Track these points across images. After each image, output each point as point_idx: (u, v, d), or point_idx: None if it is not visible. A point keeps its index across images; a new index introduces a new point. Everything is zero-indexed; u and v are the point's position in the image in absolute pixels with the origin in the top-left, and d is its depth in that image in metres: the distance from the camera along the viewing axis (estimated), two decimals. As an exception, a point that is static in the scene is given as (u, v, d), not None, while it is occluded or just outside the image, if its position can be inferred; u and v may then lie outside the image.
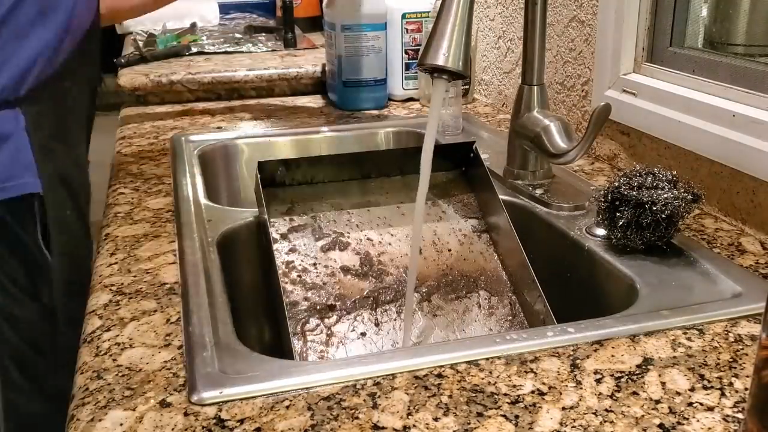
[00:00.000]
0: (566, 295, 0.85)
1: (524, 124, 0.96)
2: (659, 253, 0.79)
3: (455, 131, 1.25)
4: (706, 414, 0.54)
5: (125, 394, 0.58)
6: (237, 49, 1.81)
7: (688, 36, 1.00)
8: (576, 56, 1.14)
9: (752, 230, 0.85)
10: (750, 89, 0.86)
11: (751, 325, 0.66)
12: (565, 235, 0.87)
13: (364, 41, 1.38)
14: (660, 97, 0.97)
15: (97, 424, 0.55)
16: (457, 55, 0.76)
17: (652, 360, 0.61)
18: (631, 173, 0.80)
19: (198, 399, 0.57)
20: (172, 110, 1.42)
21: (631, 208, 0.77)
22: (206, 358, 0.62)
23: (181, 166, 1.08)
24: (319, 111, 1.44)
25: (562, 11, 1.16)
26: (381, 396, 0.57)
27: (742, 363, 0.61)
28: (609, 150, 1.09)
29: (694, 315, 0.67)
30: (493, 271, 0.86)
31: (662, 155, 0.98)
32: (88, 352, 0.64)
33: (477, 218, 0.90)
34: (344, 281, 0.83)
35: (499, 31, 1.39)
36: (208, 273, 0.76)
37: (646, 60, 1.03)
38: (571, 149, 0.87)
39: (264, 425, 0.54)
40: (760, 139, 0.81)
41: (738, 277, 0.74)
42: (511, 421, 0.54)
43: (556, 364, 0.61)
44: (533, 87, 0.96)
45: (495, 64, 1.42)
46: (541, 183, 0.98)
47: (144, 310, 0.71)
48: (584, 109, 1.14)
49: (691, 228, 0.86)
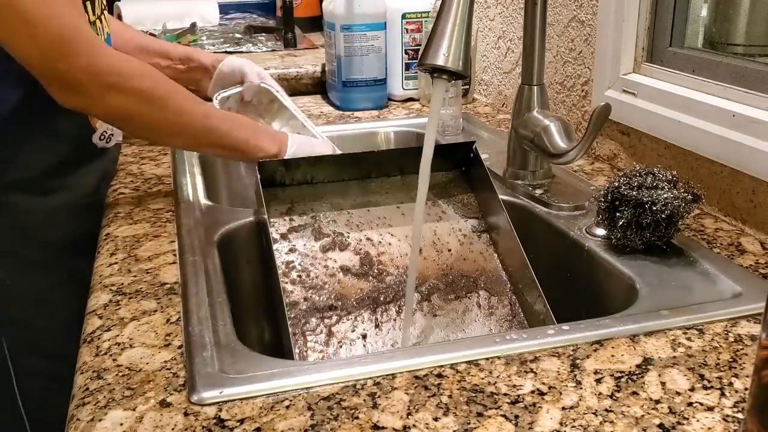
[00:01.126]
0: (566, 295, 0.85)
1: (524, 124, 0.96)
2: (659, 253, 0.79)
3: (455, 131, 1.25)
4: (706, 414, 0.54)
5: (125, 394, 0.58)
6: (237, 49, 1.81)
7: (688, 36, 1.00)
8: (576, 56, 1.14)
9: (752, 230, 0.85)
10: (750, 89, 0.86)
11: (751, 325, 0.66)
12: (565, 235, 0.87)
13: (363, 41, 1.38)
14: (660, 97, 0.97)
15: (97, 424, 0.55)
16: (457, 55, 0.76)
17: (652, 360, 0.61)
18: (631, 173, 0.80)
19: (198, 399, 0.57)
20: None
21: (631, 208, 0.77)
22: (206, 358, 0.62)
23: (181, 166, 1.08)
24: (319, 111, 1.44)
25: (562, 11, 1.16)
26: (381, 396, 0.57)
27: (742, 363, 0.61)
28: (609, 150, 1.09)
29: (694, 315, 0.67)
30: (493, 271, 0.86)
31: (662, 155, 0.98)
32: (88, 352, 0.64)
33: (477, 218, 0.90)
34: (344, 281, 0.83)
35: (499, 31, 1.39)
36: (208, 273, 0.76)
37: (646, 60, 1.03)
38: (571, 149, 0.87)
39: (264, 425, 0.54)
40: (760, 139, 0.81)
41: (738, 277, 0.74)
42: (511, 421, 0.54)
43: (556, 364, 0.61)
44: (533, 87, 0.96)
45: (495, 64, 1.42)
46: (541, 183, 0.98)
47: (144, 310, 0.71)
48: (584, 109, 1.14)
49: (691, 228, 0.86)
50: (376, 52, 1.40)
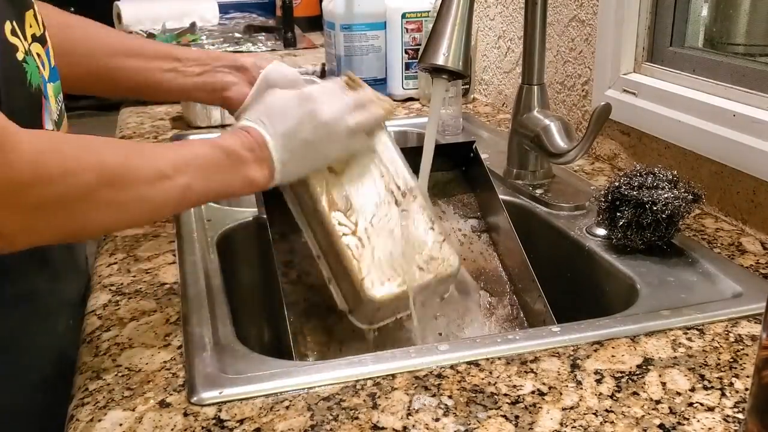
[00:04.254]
0: (566, 295, 0.85)
1: (524, 123, 0.96)
2: (659, 253, 0.78)
3: (455, 131, 1.25)
4: (706, 414, 0.54)
5: (125, 395, 0.58)
6: (237, 49, 1.81)
7: (689, 36, 1.00)
8: (576, 56, 1.14)
9: (752, 230, 0.85)
10: (750, 89, 0.86)
11: (751, 325, 0.66)
12: (565, 235, 0.86)
13: (363, 41, 1.38)
14: (660, 97, 0.97)
15: (97, 424, 0.54)
16: (457, 54, 0.76)
17: (652, 360, 0.61)
18: (631, 173, 0.80)
19: (197, 399, 0.56)
20: (171, 110, 1.42)
21: (631, 208, 0.77)
22: (206, 358, 0.61)
23: (180, 166, 1.07)
24: (319, 111, 1.44)
25: (563, 11, 1.16)
26: (381, 396, 0.57)
27: (743, 363, 0.60)
28: (609, 150, 1.08)
29: (695, 315, 0.67)
30: (493, 271, 0.86)
31: (662, 155, 0.98)
32: (88, 352, 0.64)
33: (477, 218, 0.89)
34: (344, 281, 0.82)
35: (499, 31, 1.39)
36: (207, 273, 0.76)
37: (646, 60, 1.03)
38: (571, 149, 0.87)
39: (264, 425, 0.54)
40: (761, 138, 0.81)
41: (738, 277, 0.74)
42: (511, 421, 0.54)
43: (556, 364, 0.61)
44: (533, 87, 0.96)
45: (495, 64, 1.42)
46: (541, 183, 0.98)
47: (143, 310, 0.70)
48: (584, 108, 1.14)
49: (691, 228, 0.86)
50: (375, 51, 1.39)
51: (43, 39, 0.69)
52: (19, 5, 0.65)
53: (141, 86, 0.88)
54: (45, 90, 0.66)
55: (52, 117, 0.67)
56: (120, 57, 0.88)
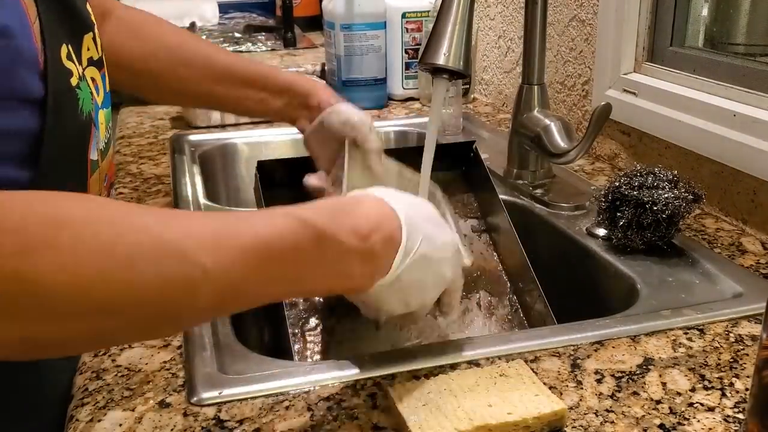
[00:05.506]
0: (566, 295, 0.85)
1: (524, 123, 0.96)
2: (660, 253, 0.78)
3: (455, 131, 1.25)
4: (706, 414, 0.54)
5: (124, 395, 0.58)
6: (236, 49, 1.81)
7: (689, 35, 1.00)
8: (576, 56, 1.14)
9: (753, 230, 0.84)
10: (751, 89, 0.86)
11: (751, 325, 0.66)
12: (565, 235, 0.86)
13: (363, 40, 1.38)
14: (661, 97, 0.97)
15: (96, 424, 0.54)
16: (457, 54, 0.76)
17: (652, 360, 0.61)
18: (631, 173, 0.80)
19: (197, 399, 0.56)
20: (171, 110, 1.42)
21: (631, 208, 0.77)
22: (205, 358, 0.61)
23: (180, 166, 1.07)
24: (319, 110, 1.44)
25: (563, 10, 1.16)
26: (381, 396, 0.57)
27: (743, 363, 0.60)
28: (609, 150, 1.08)
29: (695, 315, 0.67)
30: (493, 271, 0.86)
31: (663, 155, 0.98)
32: (87, 353, 0.64)
33: (477, 218, 0.89)
34: (344, 281, 0.82)
35: (500, 31, 1.39)
36: (207, 273, 0.76)
37: (646, 59, 1.03)
38: (571, 149, 0.87)
39: (263, 426, 0.54)
40: (761, 138, 0.81)
41: (739, 277, 0.74)
42: (512, 421, 0.54)
43: (556, 364, 0.61)
44: (533, 86, 0.96)
45: (495, 64, 1.42)
46: (542, 183, 0.98)
47: (143, 310, 0.70)
48: (585, 108, 1.14)
49: (691, 228, 0.86)
50: (375, 51, 1.39)
51: (101, 63, 0.65)
52: (79, 28, 0.62)
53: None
54: (96, 117, 0.62)
55: (98, 146, 0.63)
56: (208, 82, 0.88)
